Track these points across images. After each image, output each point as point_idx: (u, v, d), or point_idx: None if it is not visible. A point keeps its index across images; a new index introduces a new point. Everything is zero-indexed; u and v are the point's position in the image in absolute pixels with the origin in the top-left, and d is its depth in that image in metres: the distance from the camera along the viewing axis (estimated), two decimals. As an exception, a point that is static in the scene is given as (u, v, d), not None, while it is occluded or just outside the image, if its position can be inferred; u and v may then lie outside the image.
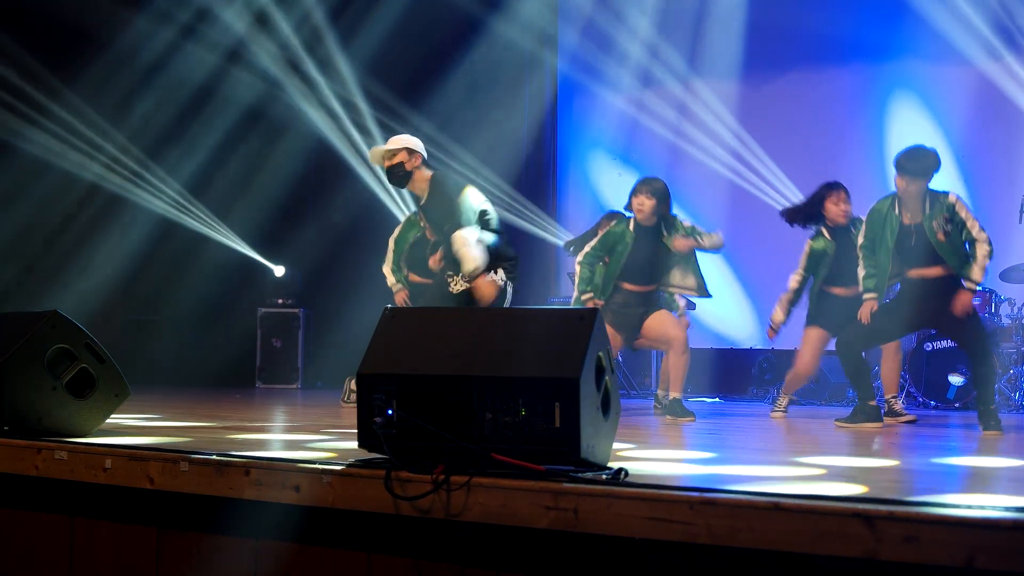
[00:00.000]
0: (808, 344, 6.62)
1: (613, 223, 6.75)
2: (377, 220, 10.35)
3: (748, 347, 9.76)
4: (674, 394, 6.41)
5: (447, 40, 10.16)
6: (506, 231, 6.37)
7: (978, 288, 5.84)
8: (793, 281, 6.69)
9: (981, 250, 5.75)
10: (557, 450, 2.97)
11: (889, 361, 6.59)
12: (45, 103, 9.56)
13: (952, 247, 5.78)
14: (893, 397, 6.52)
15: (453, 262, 6.02)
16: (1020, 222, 7.62)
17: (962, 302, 5.72)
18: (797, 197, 9.74)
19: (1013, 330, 7.95)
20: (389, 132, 10.20)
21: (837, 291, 6.52)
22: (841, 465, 3.72)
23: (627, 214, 6.73)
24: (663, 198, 6.54)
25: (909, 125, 9.14)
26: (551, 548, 2.83)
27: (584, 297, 6.55)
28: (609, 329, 6.43)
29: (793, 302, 6.71)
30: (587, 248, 6.69)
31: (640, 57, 10.24)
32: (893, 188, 5.97)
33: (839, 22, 9.65)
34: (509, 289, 6.07)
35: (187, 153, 10.13)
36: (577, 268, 6.73)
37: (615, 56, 10.32)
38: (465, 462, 2.95)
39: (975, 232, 5.76)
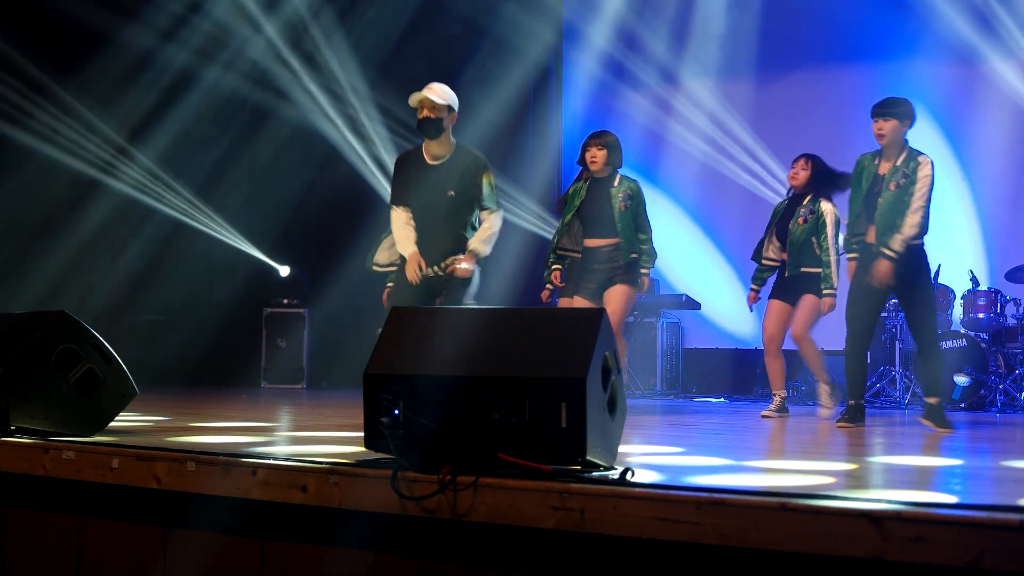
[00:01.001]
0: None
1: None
2: (382, 221, 10.36)
3: (753, 347, 9.75)
4: None
5: (454, 42, 10.17)
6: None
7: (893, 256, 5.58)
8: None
9: (911, 220, 5.61)
10: (563, 450, 2.97)
11: (772, 359, 6.82)
12: (52, 104, 9.57)
13: (893, 205, 5.65)
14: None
15: (453, 235, 5.70)
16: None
17: (878, 270, 5.63)
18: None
19: (1019, 330, 7.96)
20: (396, 134, 10.25)
21: None
22: (848, 465, 3.71)
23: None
24: (614, 149, 6.67)
25: (918, 125, 9.12)
26: (558, 548, 2.83)
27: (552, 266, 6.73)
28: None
29: None
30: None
31: (648, 59, 10.24)
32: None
33: (843, 22, 9.65)
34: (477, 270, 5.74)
35: (194, 154, 10.15)
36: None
37: (622, 57, 10.32)
38: (471, 462, 2.95)
39: (915, 200, 5.62)
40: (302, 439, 4.46)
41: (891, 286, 5.73)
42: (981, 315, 7.96)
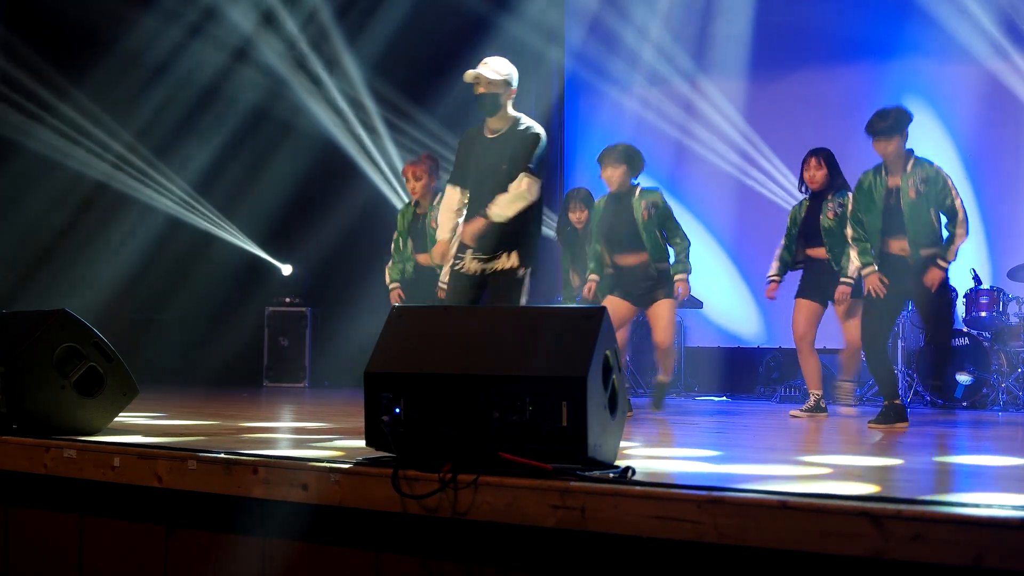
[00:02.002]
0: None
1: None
2: (384, 219, 10.36)
3: (755, 346, 9.76)
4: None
5: (454, 38, 10.15)
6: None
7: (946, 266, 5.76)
8: None
9: (960, 230, 5.73)
10: (564, 449, 2.97)
11: (807, 357, 6.74)
12: (52, 102, 9.58)
13: (919, 210, 5.73)
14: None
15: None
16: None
17: (932, 280, 5.74)
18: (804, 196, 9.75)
19: (1021, 328, 7.95)
20: (396, 131, 10.24)
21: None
22: (849, 464, 3.71)
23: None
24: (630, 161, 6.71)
25: (916, 124, 9.09)
26: (558, 547, 2.83)
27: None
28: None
29: None
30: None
31: (648, 55, 10.23)
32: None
33: (847, 21, 9.64)
34: (527, 279, 5.28)
35: (195, 152, 10.15)
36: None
37: (622, 54, 10.31)
38: (472, 461, 2.96)
39: (956, 203, 5.74)
40: (303, 438, 4.46)
41: (909, 292, 5.88)
42: (983, 314, 7.96)
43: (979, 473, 3.67)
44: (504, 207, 5.19)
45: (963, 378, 7.78)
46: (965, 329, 8.01)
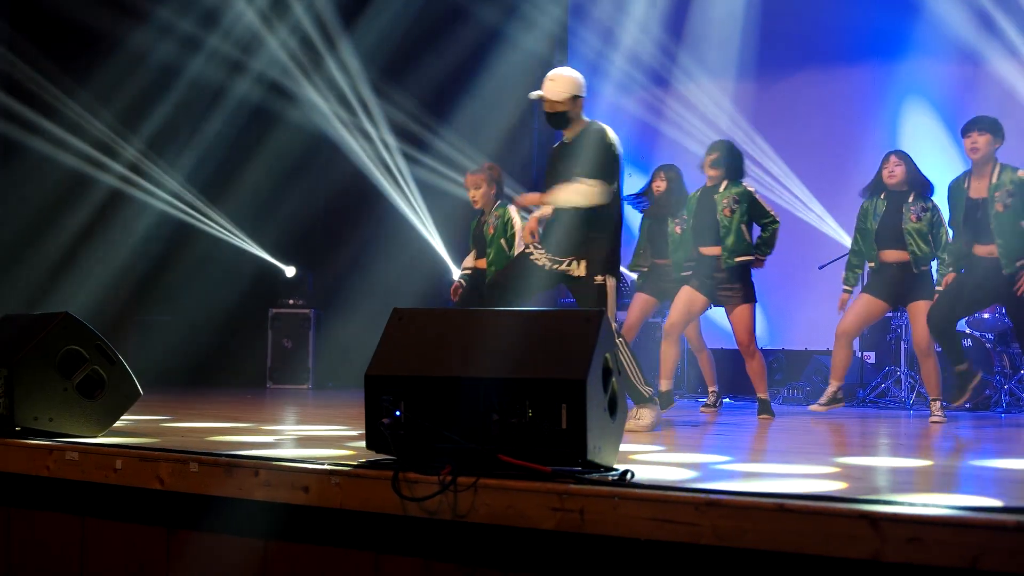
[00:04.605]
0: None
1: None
2: (389, 222, 10.39)
3: (759, 348, 9.73)
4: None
5: (457, 41, 10.18)
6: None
7: None
8: None
9: None
10: (564, 451, 2.98)
11: (841, 350, 6.72)
12: (55, 103, 9.60)
13: (1010, 222, 5.86)
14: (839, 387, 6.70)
15: (581, 218, 5.17)
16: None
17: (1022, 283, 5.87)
18: (808, 198, 9.75)
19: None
20: (401, 134, 10.24)
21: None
22: (847, 465, 3.72)
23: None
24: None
25: (921, 125, 9.14)
26: (558, 549, 2.84)
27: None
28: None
29: None
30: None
31: (650, 57, 10.24)
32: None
33: (850, 21, 9.64)
34: (610, 284, 5.13)
35: (200, 155, 10.17)
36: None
37: (625, 55, 10.32)
38: (472, 463, 2.97)
39: None
40: (306, 440, 4.47)
41: (997, 296, 6.06)
42: (986, 315, 7.95)
43: (977, 475, 3.68)
44: (562, 194, 5.13)
45: (967, 379, 7.76)
46: (968, 331, 8.01)
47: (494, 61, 10.00)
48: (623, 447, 3.57)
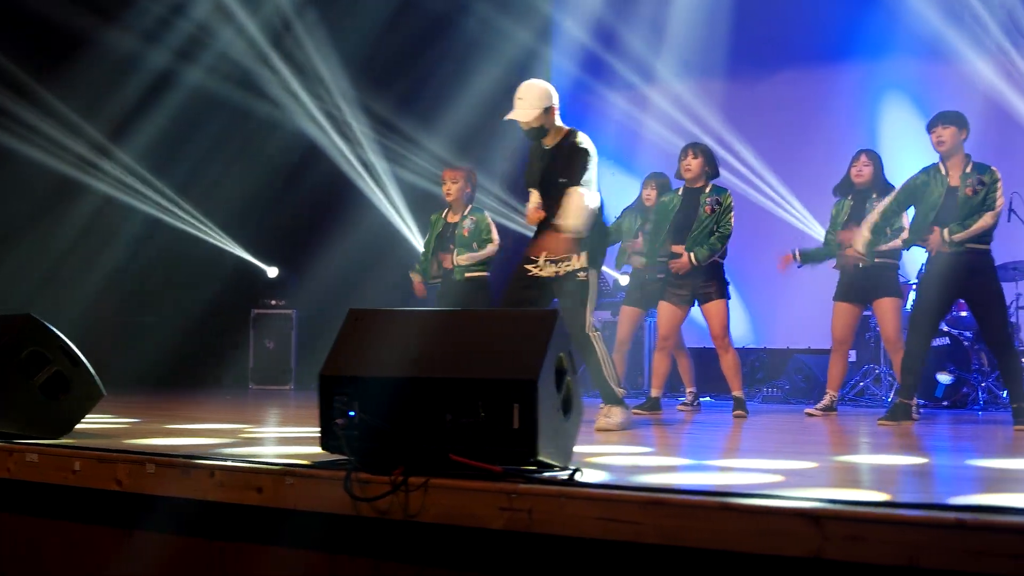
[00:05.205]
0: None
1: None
2: (370, 222, 10.38)
3: (739, 346, 9.74)
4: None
5: (440, 41, 10.17)
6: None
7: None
8: None
9: (982, 220, 5.83)
10: (516, 451, 2.98)
11: (839, 360, 6.82)
12: (32, 104, 9.56)
13: (970, 210, 5.86)
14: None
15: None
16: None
17: (933, 240, 5.89)
18: (788, 196, 9.76)
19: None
20: (380, 132, 10.24)
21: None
22: (808, 464, 3.72)
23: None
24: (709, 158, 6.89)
25: (901, 124, 9.14)
26: (507, 548, 2.84)
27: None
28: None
29: None
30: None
31: (635, 57, 10.24)
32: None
33: (830, 21, 9.65)
34: (592, 278, 5.32)
35: (181, 155, 10.14)
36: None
37: (610, 55, 10.32)
38: (424, 463, 2.97)
39: (996, 204, 5.86)
40: (269, 440, 4.47)
41: (962, 289, 5.96)
42: (964, 313, 7.96)
43: (919, 472, 3.68)
44: (572, 219, 5.21)
45: (943, 378, 7.79)
46: (946, 329, 8.01)
47: (476, 61, 9.99)
48: (587, 446, 3.58)
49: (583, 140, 5.38)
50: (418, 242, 10.19)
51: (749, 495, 2.57)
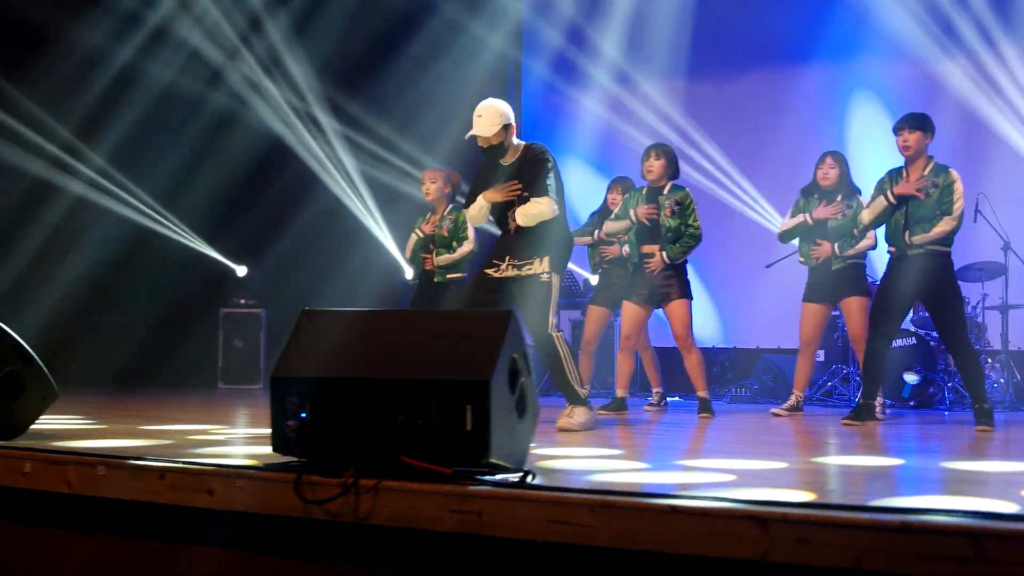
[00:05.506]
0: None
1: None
2: (339, 220, 10.33)
3: (710, 346, 9.78)
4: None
5: (413, 42, 10.13)
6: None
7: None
8: None
9: (942, 224, 5.87)
10: (468, 452, 2.97)
11: (806, 361, 6.88)
12: (1, 104, 9.47)
13: (927, 212, 5.89)
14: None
15: (527, 236, 5.44)
16: (975, 221, 7.66)
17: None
18: (757, 198, 9.77)
19: (968, 328, 7.97)
20: (350, 132, 10.20)
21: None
22: (767, 466, 3.71)
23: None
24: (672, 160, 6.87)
25: (868, 124, 9.17)
26: (458, 551, 2.82)
27: None
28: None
29: None
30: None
31: (607, 59, 10.24)
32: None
33: (799, 21, 9.68)
34: (555, 281, 5.39)
35: (150, 155, 10.07)
36: None
37: (582, 58, 10.31)
38: (375, 465, 2.94)
39: (954, 208, 5.88)
40: (234, 440, 4.43)
41: (920, 291, 5.97)
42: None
43: (867, 474, 3.68)
44: (523, 219, 5.38)
45: (910, 378, 7.82)
46: (912, 329, 8.05)
47: (449, 63, 9.97)
48: (546, 448, 3.56)
49: (541, 151, 5.51)
50: (389, 242, 10.16)
51: (697, 497, 2.56)
